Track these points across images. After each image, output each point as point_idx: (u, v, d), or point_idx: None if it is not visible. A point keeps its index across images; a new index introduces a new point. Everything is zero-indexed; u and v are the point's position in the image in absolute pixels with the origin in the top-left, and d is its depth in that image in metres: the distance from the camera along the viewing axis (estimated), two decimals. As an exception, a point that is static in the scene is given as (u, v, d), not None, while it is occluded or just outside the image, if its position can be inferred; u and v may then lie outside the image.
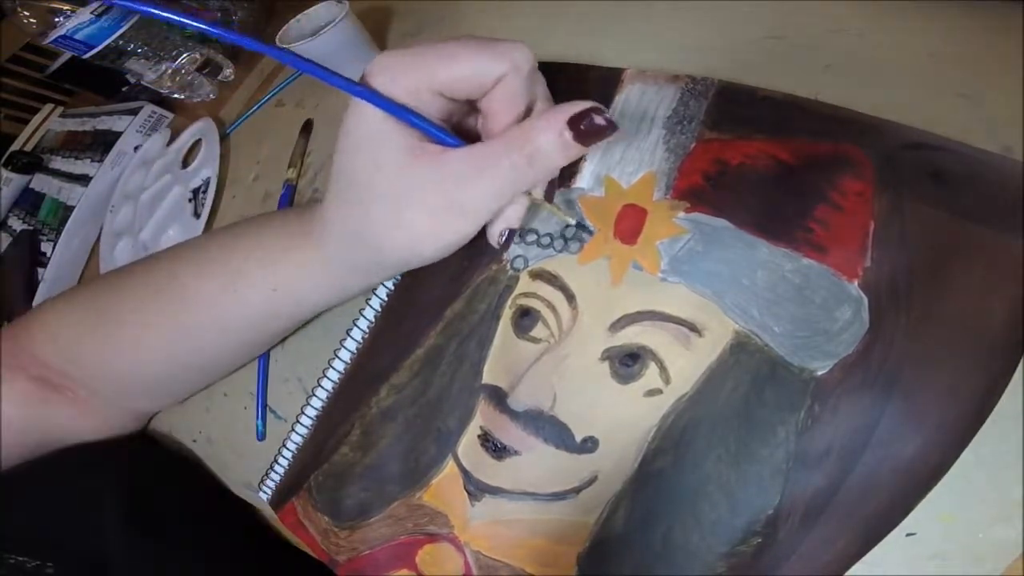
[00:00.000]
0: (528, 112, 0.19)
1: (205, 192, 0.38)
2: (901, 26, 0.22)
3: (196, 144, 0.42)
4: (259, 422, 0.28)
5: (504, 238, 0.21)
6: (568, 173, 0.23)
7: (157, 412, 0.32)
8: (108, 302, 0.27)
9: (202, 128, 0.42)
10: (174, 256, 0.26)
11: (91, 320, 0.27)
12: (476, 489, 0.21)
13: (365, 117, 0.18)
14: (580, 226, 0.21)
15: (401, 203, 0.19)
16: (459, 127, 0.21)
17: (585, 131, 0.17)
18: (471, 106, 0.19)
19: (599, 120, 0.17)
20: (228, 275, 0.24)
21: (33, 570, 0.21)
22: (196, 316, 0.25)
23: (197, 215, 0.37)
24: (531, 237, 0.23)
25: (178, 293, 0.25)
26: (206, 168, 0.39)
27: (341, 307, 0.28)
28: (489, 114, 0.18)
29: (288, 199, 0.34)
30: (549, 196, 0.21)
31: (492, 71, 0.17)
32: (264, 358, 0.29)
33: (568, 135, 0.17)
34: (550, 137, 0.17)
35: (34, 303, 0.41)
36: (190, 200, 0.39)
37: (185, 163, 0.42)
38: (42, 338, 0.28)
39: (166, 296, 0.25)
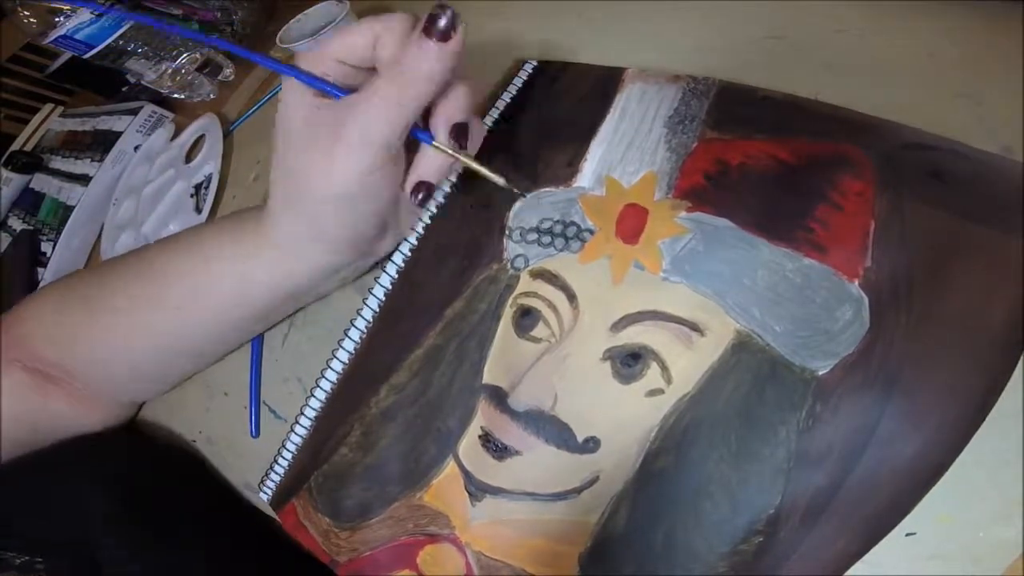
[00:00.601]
0: None
1: (207, 188, 0.38)
2: (901, 26, 0.22)
3: (199, 140, 0.42)
4: (252, 418, 0.28)
5: (421, 196, 0.22)
6: (569, 173, 0.23)
7: (147, 400, 0.32)
8: (94, 289, 0.28)
9: (206, 124, 0.42)
10: (158, 245, 0.28)
11: (78, 306, 0.27)
12: (477, 489, 0.21)
13: (285, 95, 0.21)
14: (512, 188, 0.22)
15: (305, 151, 0.21)
16: None
17: (439, 28, 0.18)
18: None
19: (442, 12, 0.18)
20: (197, 255, 0.26)
21: (23, 565, 0.21)
22: (173, 293, 0.26)
23: (199, 210, 0.38)
24: (532, 236, 0.23)
25: (157, 272, 0.26)
26: (209, 164, 0.39)
27: (339, 307, 0.28)
28: (379, 70, 0.20)
29: None
30: (464, 147, 0.21)
31: (368, 32, 0.20)
32: (257, 352, 0.29)
33: (426, 41, 0.19)
34: (411, 50, 0.19)
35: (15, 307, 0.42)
36: (192, 195, 0.39)
37: (188, 159, 0.42)
38: (33, 328, 0.28)
39: (146, 276, 0.27)
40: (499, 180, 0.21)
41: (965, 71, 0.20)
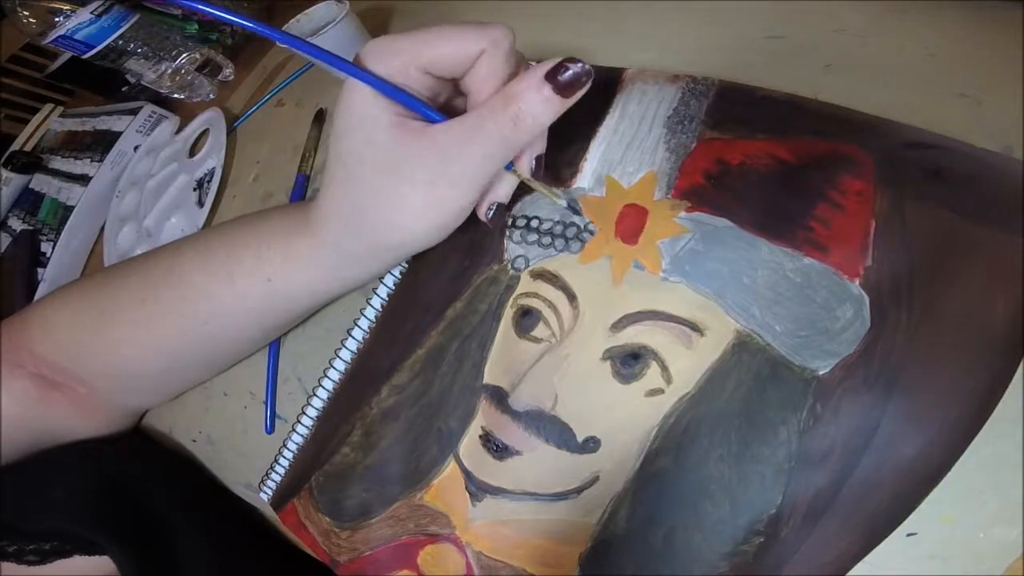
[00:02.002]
0: None
1: (210, 181, 0.38)
2: (901, 26, 0.22)
3: (203, 135, 0.42)
4: (267, 414, 0.28)
5: (492, 213, 0.21)
6: (569, 173, 0.23)
7: (151, 408, 0.32)
8: (106, 297, 0.27)
9: (210, 118, 0.42)
10: (174, 250, 0.26)
11: (88, 315, 0.27)
12: (477, 489, 0.21)
13: (356, 98, 0.19)
14: (571, 208, 0.21)
15: (392, 178, 0.19)
16: (447, 108, 0.21)
17: (564, 82, 0.18)
18: (457, 88, 0.20)
19: (575, 68, 0.18)
20: (225, 265, 0.24)
21: (16, 552, 0.21)
22: (193, 308, 0.25)
23: (201, 204, 0.38)
24: (532, 237, 0.23)
25: (175, 284, 0.25)
26: (212, 158, 0.39)
27: (342, 307, 0.28)
28: (472, 90, 0.19)
29: (302, 192, 0.34)
30: (537, 175, 0.21)
31: (472, 47, 0.18)
32: (274, 349, 0.29)
33: (548, 89, 0.18)
34: (531, 95, 0.18)
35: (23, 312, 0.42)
36: (195, 189, 0.39)
37: (192, 153, 0.42)
38: (40, 334, 0.28)
39: (163, 288, 0.25)
40: (562, 201, 0.21)
41: (965, 71, 0.20)
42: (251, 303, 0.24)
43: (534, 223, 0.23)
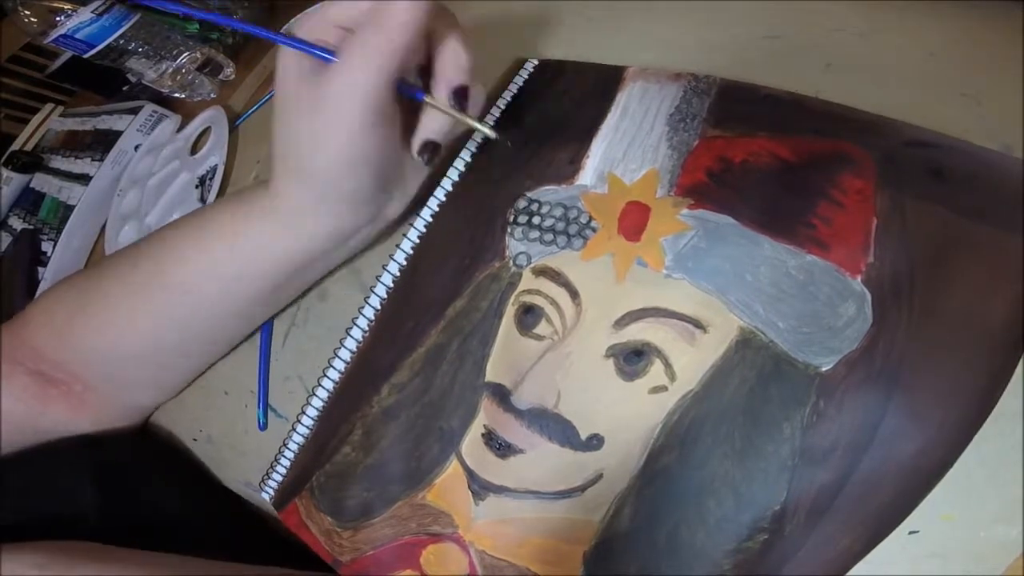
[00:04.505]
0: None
1: (212, 179, 0.38)
2: (901, 26, 0.22)
3: (204, 133, 0.42)
4: (259, 411, 0.28)
5: (427, 155, 0.22)
6: (571, 170, 0.23)
7: (153, 408, 0.32)
8: (95, 280, 0.28)
9: (212, 116, 0.42)
10: (159, 230, 0.28)
11: (80, 299, 0.27)
12: (480, 488, 0.21)
13: (283, 65, 0.21)
14: (503, 141, 0.22)
15: (303, 116, 0.21)
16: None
17: None
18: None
19: None
20: (202, 228, 0.25)
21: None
22: (171, 280, 0.25)
23: (203, 201, 0.38)
24: (534, 233, 0.23)
25: (155, 256, 0.26)
26: (214, 156, 0.39)
27: (341, 305, 0.28)
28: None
29: None
30: (462, 109, 0.22)
31: None
32: (265, 343, 0.29)
33: None
34: (382, 2, 0.19)
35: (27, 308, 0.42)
36: (197, 186, 0.39)
37: (193, 151, 0.42)
38: (38, 325, 0.28)
39: (144, 261, 0.27)
40: (491, 133, 0.22)
41: (965, 71, 0.20)
42: (223, 267, 0.25)
43: (536, 220, 0.23)
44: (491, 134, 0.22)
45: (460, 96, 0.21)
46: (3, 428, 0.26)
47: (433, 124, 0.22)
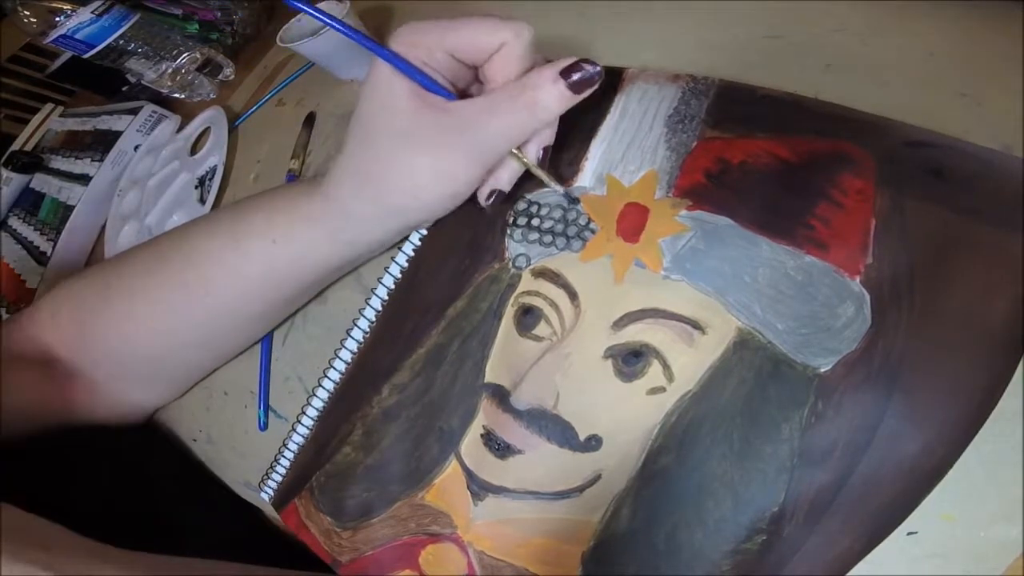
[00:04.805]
0: None
1: (211, 179, 0.38)
2: (901, 26, 0.22)
3: (204, 134, 0.42)
4: (260, 411, 0.28)
5: (492, 200, 0.23)
6: (570, 172, 0.23)
7: (158, 406, 0.32)
8: (113, 275, 0.27)
9: (212, 116, 0.42)
10: (185, 225, 0.27)
11: (94, 294, 0.27)
12: (479, 488, 0.21)
13: (381, 72, 0.20)
14: (569, 198, 0.22)
15: (406, 143, 0.21)
16: (465, 96, 0.22)
17: (577, 80, 0.19)
18: (477, 78, 0.22)
19: (589, 68, 0.19)
20: (232, 228, 0.25)
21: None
22: (196, 275, 0.25)
23: (203, 201, 0.38)
24: (533, 235, 0.23)
25: (180, 250, 0.26)
26: (213, 156, 0.39)
27: (342, 306, 0.28)
28: (490, 78, 0.21)
29: None
30: (542, 166, 0.22)
31: (494, 36, 0.20)
32: (267, 345, 0.29)
33: (562, 84, 0.19)
34: (547, 85, 0.19)
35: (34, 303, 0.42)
36: (196, 187, 0.39)
37: (193, 151, 0.42)
38: (47, 322, 0.28)
39: (170, 254, 0.26)
40: (559, 188, 0.22)
41: (965, 71, 0.20)
42: (254, 267, 0.25)
43: (535, 222, 0.23)
44: (559, 188, 0.22)
45: (546, 154, 0.22)
46: (4, 420, 0.26)
47: (506, 175, 0.22)
